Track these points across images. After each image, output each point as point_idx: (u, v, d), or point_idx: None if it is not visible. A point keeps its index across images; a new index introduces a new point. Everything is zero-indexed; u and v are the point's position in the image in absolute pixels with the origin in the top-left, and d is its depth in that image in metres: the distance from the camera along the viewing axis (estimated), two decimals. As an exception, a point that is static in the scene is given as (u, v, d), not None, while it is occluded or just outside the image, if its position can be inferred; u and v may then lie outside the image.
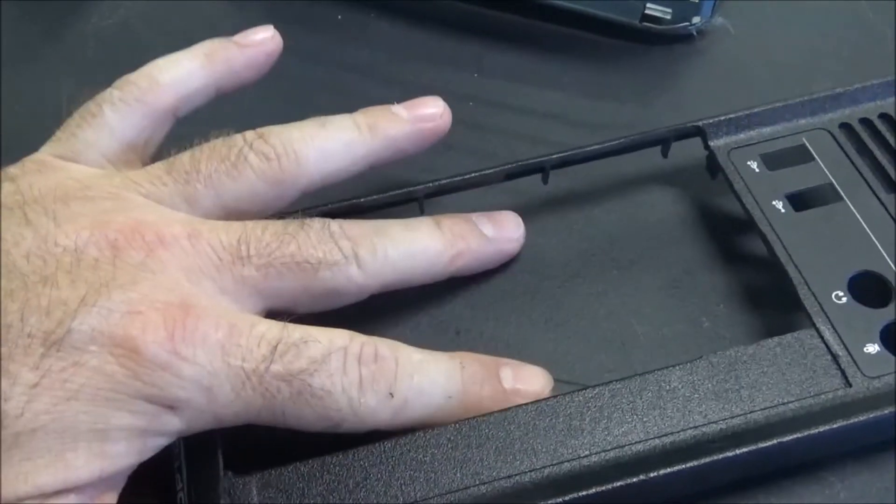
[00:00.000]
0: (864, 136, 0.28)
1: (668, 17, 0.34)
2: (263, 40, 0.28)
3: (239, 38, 0.28)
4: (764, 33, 0.36)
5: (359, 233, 0.25)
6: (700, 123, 0.29)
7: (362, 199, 0.28)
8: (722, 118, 0.29)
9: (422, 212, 0.28)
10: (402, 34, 0.36)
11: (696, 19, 0.34)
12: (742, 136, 0.29)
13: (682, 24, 0.34)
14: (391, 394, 0.22)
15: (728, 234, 0.29)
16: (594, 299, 0.28)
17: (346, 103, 0.27)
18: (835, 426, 0.22)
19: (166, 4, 0.37)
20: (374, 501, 0.22)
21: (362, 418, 0.22)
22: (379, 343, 0.23)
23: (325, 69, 0.35)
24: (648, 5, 0.34)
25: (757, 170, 0.28)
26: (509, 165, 0.28)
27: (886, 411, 0.23)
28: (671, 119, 0.29)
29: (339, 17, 0.37)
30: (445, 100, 0.28)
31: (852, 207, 0.27)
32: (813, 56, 0.34)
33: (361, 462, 0.23)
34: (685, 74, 0.35)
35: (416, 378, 0.23)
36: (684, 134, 0.29)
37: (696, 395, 0.23)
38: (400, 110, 0.27)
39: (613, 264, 0.29)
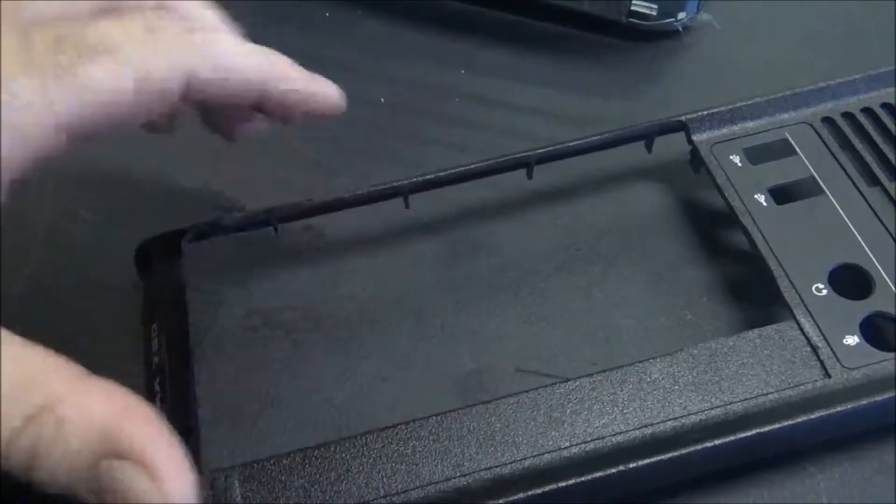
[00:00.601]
0: (846, 130, 0.28)
1: (654, 13, 0.34)
2: None
3: None
4: (749, 29, 0.36)
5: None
6: (683, 118, 0.29)
7: (346, 195, 0.28)
8: (705, 113, 0.29)
9: (406, 206, 0.28)
10: (389, 32, 0.36)
11: (681, 15, 0.34)
12: (725, 130, 0.29)
13: (667, 21, 0.34)
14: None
15: (711, 228, 0.29)
16: (578, 293, 0.28)
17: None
18: (813, 416, 0.23)
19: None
20: (356, 493, 0.22)
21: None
22: None
23: (313, 67, 0.35)
24: (634, 1, 0.34)
25: (739, 164, 0.28)
26: (493, 160, 0.28)
27: (865, 402, 0.23)
28: (657, 115, 0.29)
29: (327, 14, 0.37)
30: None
31: (833, 201, 0.27)
32: (798, 52, 0.35)
33: (343, 454, 0.23)
34: (671, 70, 0.35)
35: None
36: (668, 129, 0.29)
37: (676, 387, 0.24)
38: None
39: (597, 258, 0.29)
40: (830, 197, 0.27)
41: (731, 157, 0.28)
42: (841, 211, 0.27)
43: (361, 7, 0.37)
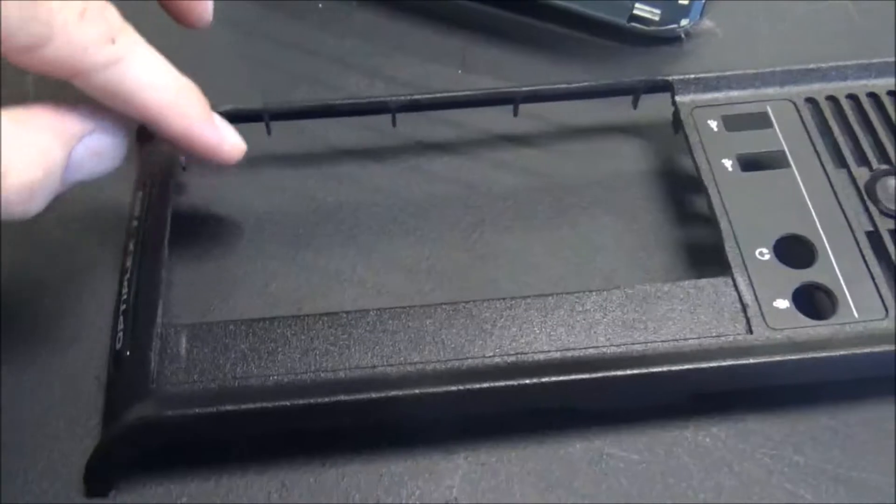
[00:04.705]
0: (827, 112, 0.29)
1: (657, 18, 0.34)
2: None
3: None
4: (751, 36, 0.35)
5: None
6: (669, 78, 0.30)
7: (337, 102, 0.29)
8: (692, 76, 0.30)
9: (394, 125, 0.30)
10: (383, 25, 0.35)
11: (684, 21, 0.34)
12: (708, 96, 0.30)
13: (669, 26, 0.34)
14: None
15: (680, 189, 0.30)
16: (539, 226, 0.29)
17: (326, 95, 0.28)
18: (724, 364, 0.24)
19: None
20: (289, 365, 0.24)
21: None
22: None
23: (305, 60, 0.34)
24: (637, 6, 0.33)
25: (715, 129, 0.29)
26: (481, 92, 0.30)
27: (781, 358, 0.24)
28: (656, 121, 0.30)
29: (320, 5, 0.35)
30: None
31: (797, 175, 0.28)
32: (800, 59, 0.34)
33: (283, 330, 0.25)
34: (672, 76, 0.34)
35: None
36: (654, 87, 0.30)
37: (605, 320, 0.25)
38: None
39: (565, 200, 0.30)
40: (795, 171, 0.28)
41: (709, 121, 0.29)
42: (802, 185, 0.27)
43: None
